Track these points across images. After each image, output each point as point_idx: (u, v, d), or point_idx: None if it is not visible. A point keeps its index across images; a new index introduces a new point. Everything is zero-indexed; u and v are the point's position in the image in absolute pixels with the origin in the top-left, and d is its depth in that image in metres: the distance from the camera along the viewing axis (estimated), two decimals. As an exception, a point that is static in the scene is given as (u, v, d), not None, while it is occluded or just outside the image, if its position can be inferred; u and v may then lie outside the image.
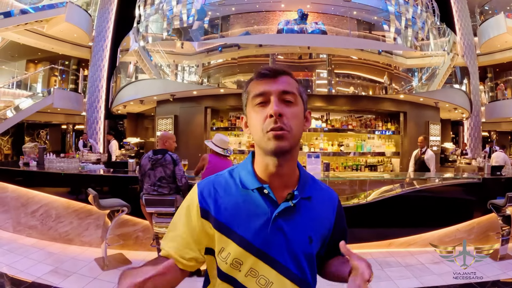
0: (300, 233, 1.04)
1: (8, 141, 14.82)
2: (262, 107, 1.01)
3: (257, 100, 1.03)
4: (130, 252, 4.79)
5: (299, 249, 1.03)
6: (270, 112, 0.98)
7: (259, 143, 1.02)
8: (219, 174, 1.14)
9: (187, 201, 1.10)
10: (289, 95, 1.02)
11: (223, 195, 1.06)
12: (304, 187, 1.09)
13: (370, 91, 9.50)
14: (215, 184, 1.09)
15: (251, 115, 1.05)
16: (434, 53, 10.43)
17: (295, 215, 1.04)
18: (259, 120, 1.01)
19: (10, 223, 5.43)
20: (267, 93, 1.01)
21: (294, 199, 1.04)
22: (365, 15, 10.09)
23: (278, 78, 1.04)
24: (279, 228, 1.01)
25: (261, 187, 1.03)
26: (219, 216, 1.02)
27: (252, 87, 1.06)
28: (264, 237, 1.00)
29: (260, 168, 1.07)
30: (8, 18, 10.98)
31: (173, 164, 4.25)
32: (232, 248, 1.00)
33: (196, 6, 9.60)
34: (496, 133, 16.77)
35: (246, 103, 1.08)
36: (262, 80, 1.04)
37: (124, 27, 12.61)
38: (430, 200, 5.42)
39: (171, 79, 9.97)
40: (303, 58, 9.29)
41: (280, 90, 1.01)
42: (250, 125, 1.06)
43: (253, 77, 1.08)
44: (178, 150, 8.53)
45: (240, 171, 1.11)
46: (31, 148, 6.64)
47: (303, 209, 1.06)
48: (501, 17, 13.04)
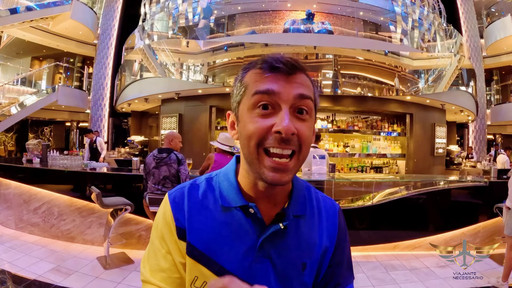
0: (291, 260, 0.83)
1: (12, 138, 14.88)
2: (264, 113, 0.75)
3: (260, 100, 0.75)
4: (132, 251, 4.75)
5: (290, 280, 0.82)
6: (278, 128, 0.72)
7: (250, 162, 0.77)
8: (195, 182, 0.89)
9: (161, 219, 0.86)
10: (306, 102, 0.76)
11: (199, 212, 0.83)
12: (297, 202, 0.86)
13: (376, 92, 9.45)
14: (189, 196, 0.85)
15: (245, 120, 0.76)
16: (440, 55, 10.36)
17: (285, 238, 0.83)
18: (256, 132, 0.74)
19: (12, 220, 5.42)
20: (277, 96, 0.74)
21: (285, 219, 0.82)
22: (372, 16, 10.04)
23: (294, 76, 0.76)
24: (266, 255, 0.80)
25: (246, 205, 0.81)
26: (194, 240, 0.81)
27: (253, 79, 0.77)
28: (248, 266, 0.80)
29: (245, 182, 0.83)
30: (14, 15, 11.01)
31: (178, 164, 4.22)
32: (208, 279, 0.79)
33: (202, 5, 9.57)
34: (501, 136, 16.67)
35: (239, 100, 0.80)
36: (270, 75, 0.75)
37: (130, 25, 12.66)
38: (436, 203, 5.36)
39: (176, 77, 9.96)
40: (309, 58, 9.24)
41: (296, 95, 0.75)
42: (241, 133, 0.78)
43: (256, 64, 0.79)
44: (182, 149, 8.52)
45: (221, 181, 0.86)
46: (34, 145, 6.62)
47: (295, 229, 0.84)
48: (508, 19, 12.94)
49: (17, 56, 14.65)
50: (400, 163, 9.74)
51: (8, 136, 14.60)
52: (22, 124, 14.36)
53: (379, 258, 4.83)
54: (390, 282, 4.11)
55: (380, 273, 4.34)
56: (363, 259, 4.77)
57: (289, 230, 0.83)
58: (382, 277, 4.22)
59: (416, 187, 5.86)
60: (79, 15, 12.70)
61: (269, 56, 0.77)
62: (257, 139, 0.74)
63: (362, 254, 4.92)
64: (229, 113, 0.86)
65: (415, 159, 9.49)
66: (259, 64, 0.77)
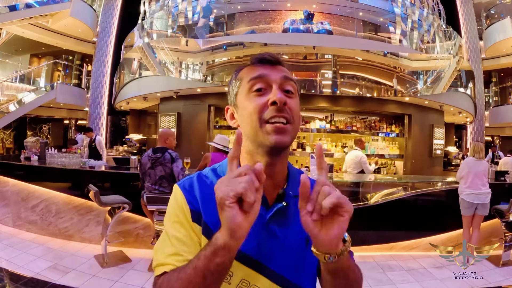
0: (294, 235, 0.91)
1: (11, 135, 14.84)
2: (259, 94, 0.89)
3: (255, 85, 0.90)
4: (130, 250, 4.75)
5: (295, 254, 0.91)
6: (273, 99, 0.86)
7: (254, 136, 0.88)
8: (202, 173, 0.98)
9: (173, 206, 0.91)
10: (291, 83, 0.92)
11: (210, 197, 0.87)
12: (294, 183, 0.95)
13: (375, 92, 9.47)
14: (199, 184, 0.93)
15: (244, 104, 0.91)
16: (439, 56, 10.38)
17: (287, 216, 0.91)
18: (256, 108, 0.87)
19: (10, 217, 5.41)
20: (267, 78, 0.90)
21: (285, 197, 0.92)
22: (371, 17, 10.05)
23: (278, 66, 0.94)
24: (271, 232, 0.89)
25: None
26: (209, 221, 0.87)
27: (246, 73, 0.94)
28: (255, 244, 0.87)
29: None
30: (13, 12, 10.97)
31: (171, 162, 4.20)
32: None
33: (202, 4, 9.56)
34: (500, 138, 16.70)
35: (236, 92, 0.95)
36: (260, 65, 0.94)
37: (129, 23, 12.64)
38: (433, 204, 5.38)
39: (175, 76, 9.95)
40: (308, 58, 9.25)
41: (282, 76, 0.91)
42: (242, 115, 0.91)
43: (247, 63, 0.97)
44: (180, 148, 8.55)
45: (224, 169, 0.94)
46: (32, 142, 6.61)
47: (295, 208, 0.86)
48: (508, 21, 12.95)
49: (16, 53, 14.59)
50: (398, 164, 9.74)
51: (6, 133, 14.57)
52: (20, 122, 14.33)
53: (376, 259, 4.84)
54: (387, 283, 4.12)
55: (377, 274, 4.36)
56: (360, 260, 4.78)
57: (290, 208, 0.92)
58: (379, 278, 4.24)
59: (414, 188, 5.87)
60: (79, 13, 12.65)
61: (257, 54, 0.96)
62: (258, 113, 0.87)
63: (359, 255, 4.93)
64: (228, 107, 1.00)
65: (413, 160, 9.51)
66: (250, 61, 0.96)
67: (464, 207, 4.81)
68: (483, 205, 4.75)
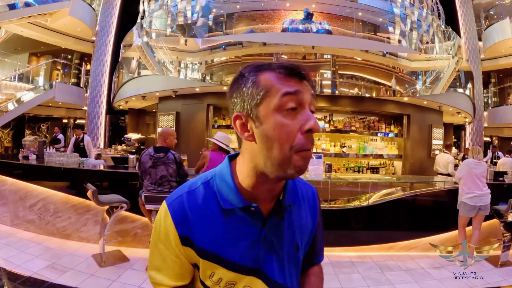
0: (288, 244, 0.94)
1: (9, 134, 14.81)
2: (292, 114, 0.78)
3: (289, 102, 0.78)
4: (128, 249, 4.74)
5: (288, 260, 0.94)
6: (309, 126, 0.77)
7: (279, 161, 0.79)
8: (191, 188, 0.91)
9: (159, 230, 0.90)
10: (314, 104, 0.84)
11: (202, 218, 0.87)
12: (290, 193, 0.94)
13: (373, 92, 9.47)
14: (190, 204, 0.88)
15: (273, 122, 0.78)
16: (439, 56, 10.39)
17: (282, 226, 0.92)
18: (290, 134, 0.77)
19: (8, 216, 5.39)
20: (301, 97, 0.80)
21: (282, 210, 0.91)
22: (370, 17, 10.05)
23: (307, 80, 0.84)
24: (269, 243, 0.90)
25: (248, 205, 0.86)
26: (203, 244, 0.86)
27: (276, 83, 0.79)
28: (254, 255, 0.88)
29: (249, 182, 0.86)
30: (12, 11, 10.94)
31: (177, 165, 4.21)
32: (223, 272, 0.88)
33: (201, 3, 9.56)
34: (498, 139, 16.72)
35: (258, 102, 0.80)
36: (291, 79, 0.81)
37: (128, 23, 12.63)
38: (432, 204, 5.39)
39: (173, 75, 9.94)
40: (307, 58, 9.25)
41: (312, 95, 0.83)
42: (266, 134, 0.79)
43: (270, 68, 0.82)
44: (179, 147, 8.53)
45: (218, 184, 0.89)
46: (31, 141, 6.60)
47: (288, 217, 0.94)
48: (507, 22, 12.99)
49: (15, 52, 14.56)
50: (397, 164, 9.75)
51: (4, 132, 14.54)
52: (19, 121, 14.30)
53: (374, 259, 4.84)
54: (385, 283, 4.12)
55: (375, 274, 4.35)
56: (359, 260, 4.78)
57: (284, 218, 0.93)
58: (378, 278, 4.24)
59: (413, 188, 5.88)
60: (78, 12, 12.63)
61: (281, 61, 0.84)
62: (292, 141, 0.78)
63: (357, 255, 4.93)
64: (239, 115, 0.83)
65: (411, 160, 9.52)
66: (277, 69, 0.81)
67: (466, 210, 4.77)
68: (485, 206, 4.75)
